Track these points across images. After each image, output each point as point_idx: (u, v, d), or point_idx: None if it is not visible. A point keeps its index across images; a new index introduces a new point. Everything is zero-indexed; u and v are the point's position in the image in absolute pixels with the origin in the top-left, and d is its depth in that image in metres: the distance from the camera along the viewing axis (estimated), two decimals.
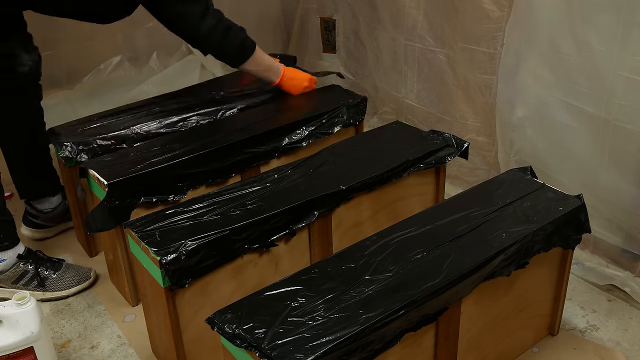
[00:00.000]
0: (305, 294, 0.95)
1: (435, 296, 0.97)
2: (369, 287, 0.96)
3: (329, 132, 1.63)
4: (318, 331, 0.87)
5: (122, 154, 1.45)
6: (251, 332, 0.87)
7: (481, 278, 1.05)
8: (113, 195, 1.31)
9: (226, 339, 0.91)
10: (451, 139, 1.47)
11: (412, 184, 1.47)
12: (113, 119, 1.62)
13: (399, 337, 0.94)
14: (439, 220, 1.15)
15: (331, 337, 0.85)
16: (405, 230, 1.12)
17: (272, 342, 0.85)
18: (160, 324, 1.20)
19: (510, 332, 1.24)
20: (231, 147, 1.47)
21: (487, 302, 1.13)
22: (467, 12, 1.68)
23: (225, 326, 0.90)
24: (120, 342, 1.37)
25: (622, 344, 1.34)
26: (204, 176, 1.44)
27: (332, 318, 0.89)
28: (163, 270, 1.06)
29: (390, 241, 1.08)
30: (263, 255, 1.22)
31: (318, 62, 2.47)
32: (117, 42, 1.68)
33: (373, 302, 0.93)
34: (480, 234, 1.11)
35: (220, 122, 1.64)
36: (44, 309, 1.34)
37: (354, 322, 0.88)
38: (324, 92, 1.80)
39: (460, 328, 1.09)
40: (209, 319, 0.93)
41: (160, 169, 1.37)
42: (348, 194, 1.32)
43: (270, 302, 0.94)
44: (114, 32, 2.73)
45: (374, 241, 1.09)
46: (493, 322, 1.17)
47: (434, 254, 1.05)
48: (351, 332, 0.86)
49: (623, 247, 1.48)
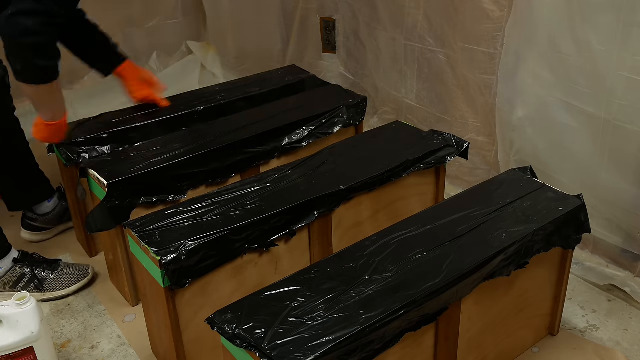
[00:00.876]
0: (305, 294, 0.95)
1: (435, 296, 0.97)
2: (369, 287, 0.96)
3: (329, 132, 1.63)
4: (318, 331, 0.87)
5: (122, 154, 1.45)
6: (251, 332, 0.87)
7: (481, 278, 1.05)
8: (113, 195, 1.31)
9: (226, 339, 0.91)
10: (451, 139, 1.47)
11: (412, 184, 1.47)
12: (113, 119, 1.61)
13: (399, 337, 0.94)
14: (439, 220, 1.15)
15: (331, 337, 0.85)
16: (405, 230, 1.12)
17: (272, 342, 0.85)
18: (160, 324, 1.20)
19: (510, 332, 1.24)
20: (231, 147, 1.47)
21: (487, 302, 1.13)
22: (467, 12, 1.68)
23: (225, 326, 0.90)
24: (120, 342, 1.37)
25: (622, 344, 1.34)
26: (204, 176, 1.44)
27: (332, 318, 0.89)
28: (163, 270, 1.06)
29: (390, 241, 1.08)
30: (263, 255, 1.22)
31: (318, 62, 2.47)
32: (116, 42, 1.68)
33: (373, 302, 0.92)
34: (480, 234, 1.11)
35: (220, 122, 1.63)
36: (44, 309, 1.34)
37: (354, 322, 0.88)
38: (324, 92, 1.80)
39: (460, 328, 1.09)
40: (209, 319, 0.93)
41: (160, 169, 1.37)
42: (348, 194, 1.32)
43: (270, 302, 0.94)
44: (114, 32, 2.74)
45: (374, 241, 1.09)
46: (493, 322, 1.17)
47: (434, 254, 1.05)
48: (351, 332, 0.86)
49: (623, 247, 1.48)
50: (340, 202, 1.31)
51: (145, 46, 2.77)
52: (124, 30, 2.60)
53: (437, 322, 1.02)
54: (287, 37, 2.60)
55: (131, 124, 1.58)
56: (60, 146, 1.49)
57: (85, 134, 1.53)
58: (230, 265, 1.17)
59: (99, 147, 1.51)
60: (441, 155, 1.45)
